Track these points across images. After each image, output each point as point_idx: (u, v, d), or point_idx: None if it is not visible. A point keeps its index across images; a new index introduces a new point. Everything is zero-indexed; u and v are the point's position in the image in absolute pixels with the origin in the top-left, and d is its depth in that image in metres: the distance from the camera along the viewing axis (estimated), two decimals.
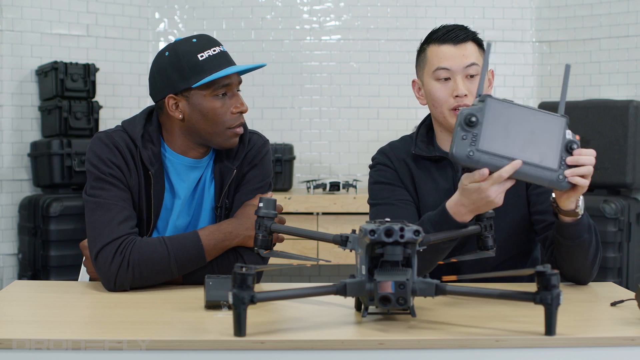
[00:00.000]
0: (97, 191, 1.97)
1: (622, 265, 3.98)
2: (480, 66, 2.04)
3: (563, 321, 1.52)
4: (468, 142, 1.62)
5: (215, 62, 1.97)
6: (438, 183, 2.08)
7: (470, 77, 2.04)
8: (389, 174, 2.12)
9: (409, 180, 2.10)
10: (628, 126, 4.05)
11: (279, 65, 4.74)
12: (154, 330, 1.55)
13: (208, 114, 1.99)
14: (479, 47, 2.08)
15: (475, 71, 2.04)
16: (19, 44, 4.38)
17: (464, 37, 2.06)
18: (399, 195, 2.07)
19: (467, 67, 2.03)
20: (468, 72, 2.04)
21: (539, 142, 1.64)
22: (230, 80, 2.00)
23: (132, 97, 4.68)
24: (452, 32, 2.06)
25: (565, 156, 1.65)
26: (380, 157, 2.16)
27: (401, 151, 2.14)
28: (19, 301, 1.88)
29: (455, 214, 1.80)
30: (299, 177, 4.71)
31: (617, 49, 4.50)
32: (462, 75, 2.03)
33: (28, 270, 4.18)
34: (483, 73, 1.66)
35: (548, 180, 1.65)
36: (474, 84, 2.03)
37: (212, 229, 1.99)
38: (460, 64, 2.04)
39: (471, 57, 2.04)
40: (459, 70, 2.03)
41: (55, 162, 4.16)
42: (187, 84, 1.97)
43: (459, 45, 2.05)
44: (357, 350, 1.47)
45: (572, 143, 1.65)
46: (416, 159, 2.11)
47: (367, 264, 1.54)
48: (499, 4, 4.74)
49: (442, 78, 2.05)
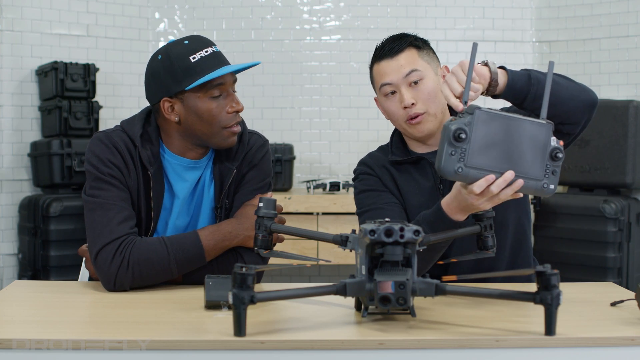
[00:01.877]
0: (97, 191, 1.97)
1: (622, 265, 3.98)
2: (422, 70, 2.06)
3: (563, 321, 1.52)
4: (456, 158, 1.63)
5: (208, 63, 1.97)
6: (420, 183, 2.11)
7: (415, 84, 2.06)
8: (372, 181, 2.16)
9: (392, 184, 2.13)
10: (628, 126, 4.05)
11: (279, 65, 4.74)
12: (154, 330, 1.55)
13: (203, 115, 1.99)
14: (419, 50, 2.10)
15: (417, 77, 2.06)
16: (19, 44, 4.38)
17: (398, 47, 2.08)
18: (385, 199, 2.10)
19: (407, 76, 2.06)
20: (410, 79, 2.06)
21: (525, 152, 1.65)
22: (224, 80, 1.99)
23: (132, 97, 4.68)
24: (387, 45, 2.10)
25: (550, 164, 1.66)
26: (361, 168, 2.20)
27: (381, 159, 2.19)
28: (19, 301, 1.88)
29: (449, 213, 1.82)
30: (299, 177, 4.71)
31: (617, 49, 4.50)
32: (405, 84, 2.06)
33: (28, 270, 4.18)
34: (469, 78, 1.66)
35: (534, 189, 1.67)
36: (420, 89, 2.05)
37: (212, 229, 1.99)
38: (399, 75, 2.07)
39: (408, 65, 2.07)
40: (400, 81, 2.07)
41: (55, 162, 4.17)
42: (180, 87, 1.97)
43: (395, 57, 2.08)
44: (357, 350, 1.47)
45: (557, 151, 1.65)
46: (395, 164, 2.15)
47: (367, 264, 1.55)
48: (499, 4, 4.74)
49: (389, 92, 2.09)
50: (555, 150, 1.65)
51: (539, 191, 1.67)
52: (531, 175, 1.66)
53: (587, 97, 1.90)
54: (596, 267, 3.96)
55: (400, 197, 2.12)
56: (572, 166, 4.15)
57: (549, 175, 1.66)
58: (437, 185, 2.09)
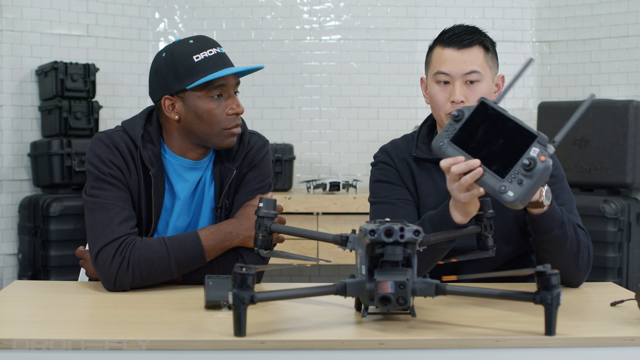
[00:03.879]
0: (97, 191, 1.97)
1: (622, 265, 3.98)
2: (482, 73, 2.01)
3: (563, 321, 1.52)
4: (445, 135, 1.71)
5: (211, 64, 1.97)
6: (438, 184, 2.07)
7: (470, 84, 2.01)
8: (390, 172, 2.12)
9: (409, 180, 2.10)
10: (628, 126, 4.05)
11: (279, 65, 4.74)
12: (154, 330, 1.55)
13: (203, 115, 1.99)
14: (486, 52, 2.04)
15: (476, 78, 2.01)
16: (19, 44, 4.38)
17: (469, 41, 2.02)
18: (399, 195, 2.07)
19: (467, 74, 2.00)
20: (468, 78, 2.01)
21: (503, 151, 1.65)
22: (226, 82, 1.99)
23: (132, 97, 4.68)
24: (458, 35, 2.03)
25: (519, 171, 1.61)
26: (382, 156, 2.15)
27: (403, 150, 2.14)
28: (19, 301, 1.87)
29: (452, 214, 1.81)
30: (299, 177, 4.71)
31: (617, 49, 4.50)
32: (462, 81, 2.01)
33: (28, 270, 4.18)
34: (506, 86, 1.71)
35: (492, 187, 1.64)
36: (474, 90, 2.01)
37: (212, 230, 1.99)
38: (460, 70, 2.01)
39: (473, 64, 2.01)
40: (458, 75, 2.01)
41: (55, 162, 4.16)
42: (181, 85, 1.97)
43: (462, 50, 2.01)
44: (357, 350, 1.47)
45: (529, 161, 1.60)
46: (417, 160, 2.11)
47: (367, 264, 1.55)
48: (499, 4, 4.74)
49: (442, 81, 2.03)
50: (527, 160, 1.60)
51: (495, 193, 1.63)
52: (496, 173, 1.64)
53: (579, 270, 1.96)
54: (596, 267, 3.95)
55: (416, 195, 2.09)
56: (572, 166, 4.15)
57: (512, 181, 1.61)
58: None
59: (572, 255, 1.91)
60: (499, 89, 2.10)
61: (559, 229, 1.86)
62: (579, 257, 1.92)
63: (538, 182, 1.60)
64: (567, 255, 1.90)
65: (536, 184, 1.60)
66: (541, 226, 1.86)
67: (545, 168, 1.59)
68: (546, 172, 1.60)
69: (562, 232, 1.87)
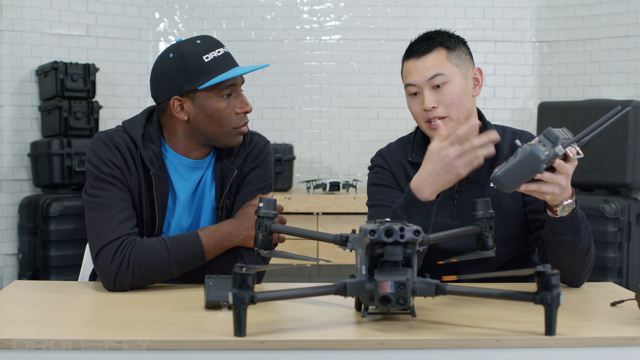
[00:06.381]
0: (97, 191, 1.97)
1: (622, 265, 3.98)
2: (448, 74, 2.02)
3: (563, 321, 1.52)
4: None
5: (221, 64, 1.98)
6: None
7: (438, 88, 2.02)
8: (386, 176, 2.14)
9: (404, 183, 2.11)
10: (628, 126, 4.05)
11: (279, 65, 4.74)
12: (154, 330, 1.55)
13: (214, 115, 1.99)
14: (449, 52, 2.05)
15: (441, 80, 2.02)
16: (19, 44, 4.38)
17: (426, 47, 2.04)
18: (395, 197, 2.08)
19: (430, 79, 2.02)
20: (433, 83, 2.02)
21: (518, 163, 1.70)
22: (235, 81, 2.01)
23: (132, 97, 4.68)
24: (416, 45, 2.07)
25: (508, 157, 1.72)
26: (377, 160, 2.19)
27: (399, 154, 2.17)
28: (19, 301, 1.88)
29: (417, 191, 1.82)
30: (299, 177, 4.71)
31: (617, 49, 4.50)
32: (429, 87, 2.02)
33: (28, 270, 4.18)
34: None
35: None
36: (443, 93, 2.02)
37: (212, 229, 1.99)
38: (422, 77, 2.03)
39: (433, 67, 2.02)
40: (423, 83, 2.03)
41: (55, 162, 4.16)
42: (193, 86, 1.97)
43: (422, 58, 2.04)
44: (357, 350, 1.47)
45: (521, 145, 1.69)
46: (413, 164, 2.13)
47: (367, 264, 1.55)
48: (499, 4, 4.74)
49: (412, 93, 2.06)
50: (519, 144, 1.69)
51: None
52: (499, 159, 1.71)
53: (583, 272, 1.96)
54: (596, 267, 3.92)
55: None
56: None
57: (504, 163, 1.70)
58: (452, 195, 2.08)
59: (581, 257, 1.91)
60: (479, 82, 2.11)
61: (572, 235, 1.86)
62: (587, 261, 1.93)
63: (523, 163, 1.67)
64: (577, 258, 1.91)
65: (521, 165, 1.67)
66: (558, 228, 1.86)
67: (530, 151, 1.66)
68: (532, 156, 1.66)
69: (575, 238, 1.87)
